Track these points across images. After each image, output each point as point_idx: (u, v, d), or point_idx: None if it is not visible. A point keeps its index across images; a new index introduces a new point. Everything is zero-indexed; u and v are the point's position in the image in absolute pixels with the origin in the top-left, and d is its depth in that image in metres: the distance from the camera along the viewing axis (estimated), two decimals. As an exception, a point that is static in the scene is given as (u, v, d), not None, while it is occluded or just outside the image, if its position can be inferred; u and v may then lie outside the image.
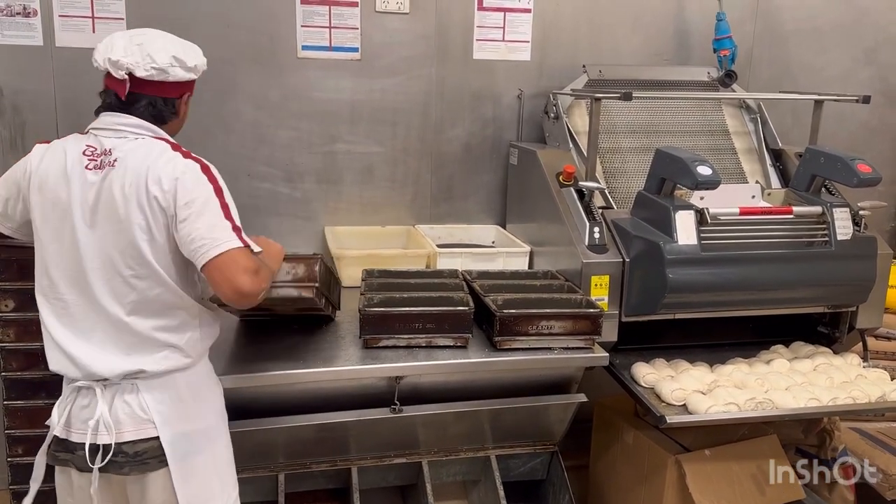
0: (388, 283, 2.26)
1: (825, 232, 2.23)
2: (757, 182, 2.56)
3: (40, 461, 1.65)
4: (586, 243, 2.28)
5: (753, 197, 2.31)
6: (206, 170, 1.59)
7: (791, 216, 2.24)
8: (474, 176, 2.95)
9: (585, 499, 2.66)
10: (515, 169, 2.82)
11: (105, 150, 1.56)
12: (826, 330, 2.48)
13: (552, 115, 2.72)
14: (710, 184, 2.04)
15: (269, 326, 2.13)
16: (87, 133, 1.61)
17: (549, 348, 2.11)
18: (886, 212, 3.32)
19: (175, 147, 1.60)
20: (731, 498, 2.24)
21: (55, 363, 1.60)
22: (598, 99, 2.34)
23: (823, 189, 2.37)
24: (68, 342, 1.58)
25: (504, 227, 2.93)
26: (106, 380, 1.57)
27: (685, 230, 2.11)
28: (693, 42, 2.96)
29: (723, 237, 2.17)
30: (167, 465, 1.59)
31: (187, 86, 1.68)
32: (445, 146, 2.90)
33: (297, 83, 2.71)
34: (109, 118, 1.60)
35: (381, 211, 2.90)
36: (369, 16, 2.71)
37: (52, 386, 2.03)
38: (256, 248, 1.58)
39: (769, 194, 2.43)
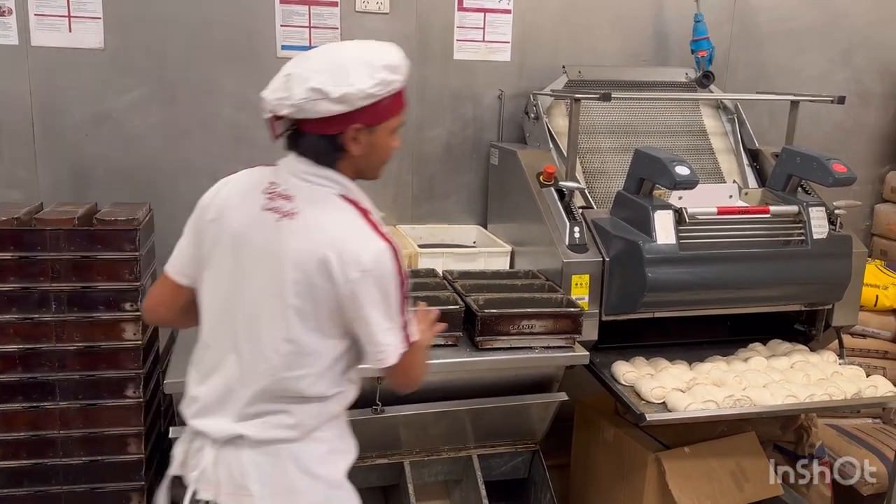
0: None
1: (801, 231, 2.26)
2: (734, 182, 2.59)
3: (161, 500, 1.50)
4: (567, 243, 2.29)
5: (731, 196, 2.33)
6: (395, 256, 1.35)
7: (768, 215, 2.27)
8: (455, 176, 2.95)
9: (567, 497, 2.67)
10: (496, 169, 2.83)
11: (286, 194, 1.38)
12: (803, 328, 2.51)
13: (532, 115, 2.73)
14: (688, 184, 2.06)
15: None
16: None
17: (531, 347, 2.12)
18: (861, 211, 3.37)
19: (363, 214, 1.38)
20: (710, 494, 2.26)
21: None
22: (578, 99, 2.35)
23: (800, 189, 2.40)
24: (194, 383, 1.45)
25: (485, 227, 2.93)
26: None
27: (664, 229, 2.13)
28: (671, 43, 2.98)
29: (701, 236, 2.19)
30: None
31: (347, 118, 1.35)
32: (426, 146, 2.89)
33: (277, 83, 2.69)
34: (289, 160, 1.41)
35: (361, 211, 2.89)
36: (349, 16, 2.70)
37: (30, 388, 2.01)
38: (414, 338, 1.42)
39: (746, 194, 2.46)
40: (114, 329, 2.03)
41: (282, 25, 2.65)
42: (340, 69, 1.33)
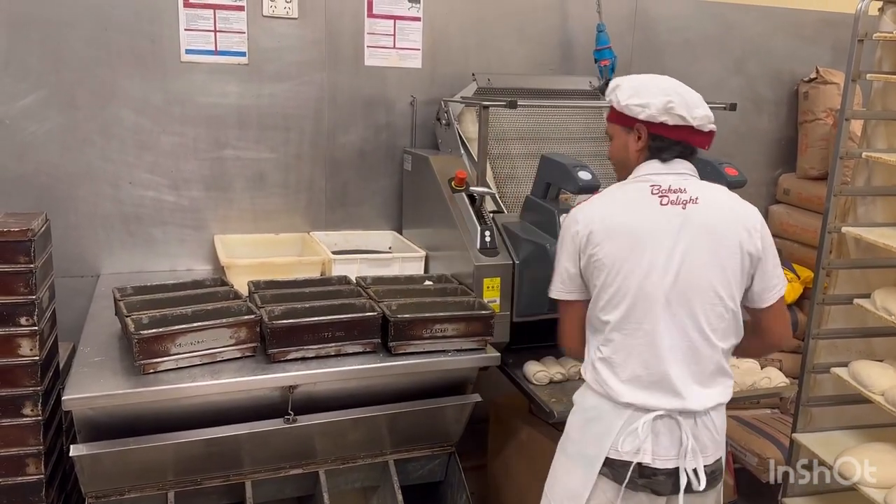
0: (280, 294, 2.23)
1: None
2: (637, 185, 2.68)
3: None
4: (478, 247, 2.33)
5: (633, 200, 2.41)
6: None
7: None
8: (369, 182, 2.95)
9: (484, 498, 2.71)
10: (410, 175, 2.85)
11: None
12: (703, 324, 2.62)
13: (444, 121, 2.76)
14: (591, 188, 2.13)
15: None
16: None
17: (444, 351, 2.14)
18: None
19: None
20: (619, 488, 2.34)
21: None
22: (486, 107, 2.39)
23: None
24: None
25: (400, 232, 2.95)
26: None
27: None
28: (576, 53, 3.08)
29: (605, 238, 2.26)
30: None
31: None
32: (339, 152, 2.89)
33: (181, 88, 2.63)
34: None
35: (274, 218, 2.85)
36: (256, 20, 2.67)
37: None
38: None
39: (648, 197, 2.55)
40: (8, 345, 1.93)
41: (186, 30, 2.59)
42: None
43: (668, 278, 1.65)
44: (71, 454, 1.87)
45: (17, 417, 1.96)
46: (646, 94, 1.73)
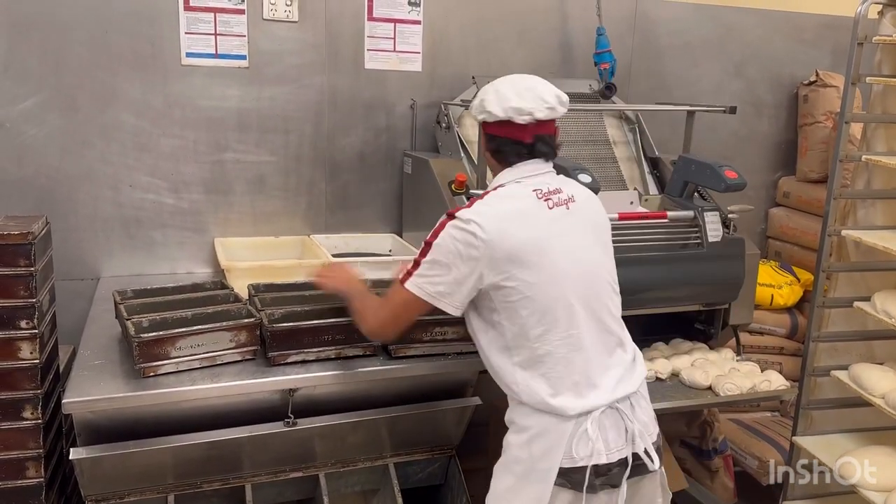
0: (280, 297, 2.22)
1: (697, 234, 2.37)
2: (635, 189, 2.69)
3: None
4: (478, 250, 2.32)
5: (632, 203, 2.43)
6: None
7: (666, 220, 2.37)
8: (370, 184, 2.95)
9: (484, 501, 2.70)
10: (410, 177, 2.85)
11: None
12: (702, 327, 2.62)
13: (444, 124, 2.76)
14: (591, 190, 2.12)
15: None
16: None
17: (444, 354, 2.14)
18: (756, 214, 3.56)
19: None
20: (619, 490, 2.34)
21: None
22: (486, 109, 2.39)
23: (696, 194, 2.52)
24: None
25: (401, 235, 2.95)
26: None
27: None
28: (576, 56, 3.08)
29: (605, 241, 2.27)
30: None
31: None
32: (339, 155, 2.89)
33: (182, 91, 2.63)
34: None
35: (274, 221, 2.85)
36: (257, 23, 2.67)
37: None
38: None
39: (646, 200, 2.56)
40: (9, 348, 1.93)
41: (186, 33, 2.60)
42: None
43: (579, 282, 1.72)
44: (71, 457, 1.87)
45: (18, 421, 1.96)
46: (480, 96, 1.82)
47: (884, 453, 2.21)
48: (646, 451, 1.71)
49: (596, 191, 2.12)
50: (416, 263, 1.76)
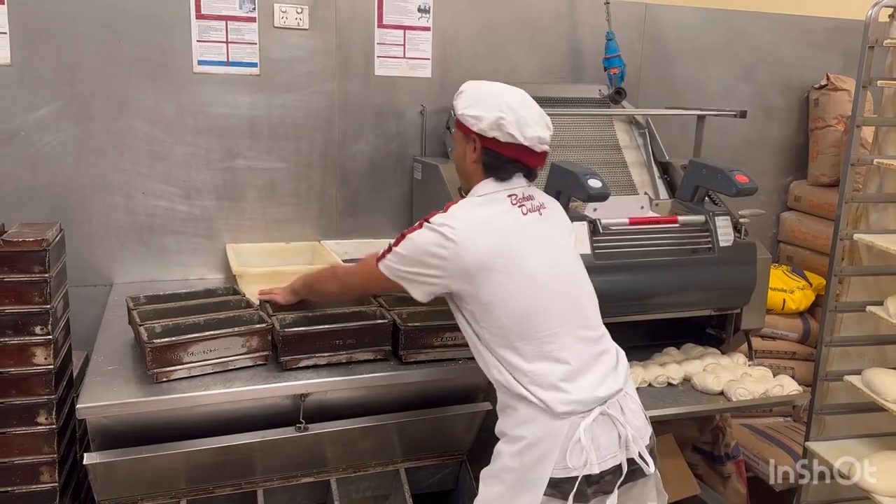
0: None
1: (708, 239, 2.36)
2: (645, 193, 2.69)
3: None
4: (487, 255, 2.32)
5: (642, 207, 2.42)
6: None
7: (677, 225, 2.36)
8: (380, 190, 2.97)
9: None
10: (420, 183, 2.86)
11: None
12: (714, 332, 2.61)
13: (453, 130, 2.76)
14: (601, 196, 2.13)
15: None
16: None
17: (454, 359, 2.15)
18: (768, 219, 3.55)
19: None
20: (631, 496, 2.33)
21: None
22: (496, 115, 2.39)
23: (707, 199, 2.51)
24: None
25: (410, 240, 2.95)
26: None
27: (579, 240, 2.19)
28: (585, 61, 3.09)
29: (614, 246, 2.27)
30: None
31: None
32: (349, 161, 2.90)
33: (194, 98, 2.66)
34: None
35: (285, 227, 2.87)
36: (268, 31, 2.69)
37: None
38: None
39: (657, 205, 2.56)
40: (23, 354, 1.95)
41: (198, 41, 2.62)
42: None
43: (556, 284, 1.75)
44: (85, 462, 1.88)
45: (32, 426, 1.98)
46: (481, 105, 1.76)
47: (898, 459, 2.19)
48: (640, 456, 1.71)
49: (606, 196, 2.14)
50: (390, 249, 1.81)
